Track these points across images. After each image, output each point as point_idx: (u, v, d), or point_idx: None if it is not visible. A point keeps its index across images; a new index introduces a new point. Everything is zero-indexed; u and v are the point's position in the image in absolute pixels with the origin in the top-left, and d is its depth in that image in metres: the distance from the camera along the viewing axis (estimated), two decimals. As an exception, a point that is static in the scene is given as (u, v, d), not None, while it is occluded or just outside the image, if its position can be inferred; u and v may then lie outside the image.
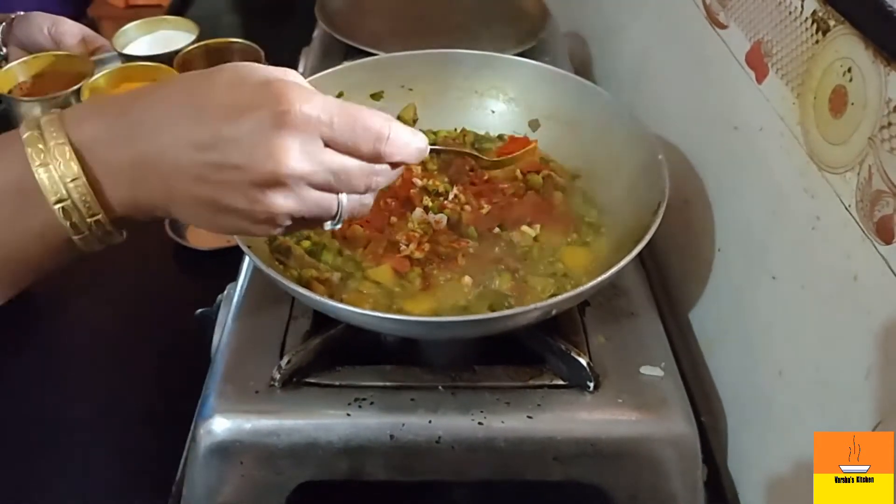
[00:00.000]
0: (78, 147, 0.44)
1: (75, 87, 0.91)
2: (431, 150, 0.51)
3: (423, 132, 0.80)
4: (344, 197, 0.46)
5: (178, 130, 0.43)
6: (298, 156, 0.42)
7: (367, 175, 0.45)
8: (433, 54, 0.82)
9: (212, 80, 0.44)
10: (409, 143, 0.47)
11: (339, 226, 0.48)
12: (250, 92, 0.42)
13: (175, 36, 1.03)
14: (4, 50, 0.98)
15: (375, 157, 0.45)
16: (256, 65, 0.45)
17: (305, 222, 0.47)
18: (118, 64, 0.96)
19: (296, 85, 0.43)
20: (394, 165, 0.47)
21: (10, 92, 0.93)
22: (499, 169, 0.73)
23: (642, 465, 0.60)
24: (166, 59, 0.96)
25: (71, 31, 0.99)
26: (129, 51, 1.00)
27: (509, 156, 0.67)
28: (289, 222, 0.45)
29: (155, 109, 0.44)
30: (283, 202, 0.43)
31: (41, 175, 0.43)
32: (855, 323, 0.50)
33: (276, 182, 0.42)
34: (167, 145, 0.43)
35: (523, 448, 0.60)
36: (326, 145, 0.43)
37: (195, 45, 0.99)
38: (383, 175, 0.46)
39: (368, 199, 0.48)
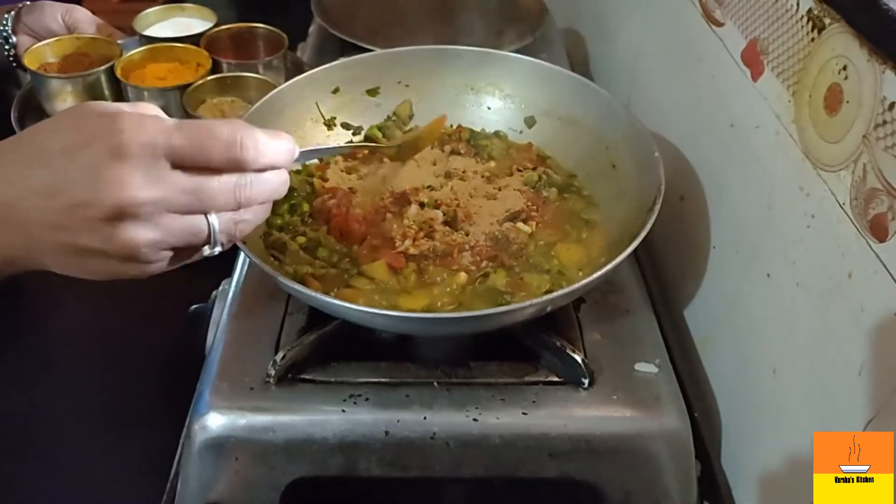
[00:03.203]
0: None
1: (106, 66, 0.91)
2: (306, 152, 0.48)
3: (420, 128, 0.81)
4: (214, 218, 0.43)
5: (25, 179, 0.42)
6: (142, 183, 0.40)
7: (232, 188, 0.43)
8: (429, 50, 0.82)
9: (53, 124, 0.43)
10: (269, 143, 0.44)
11: (218, 249, 0.45)
12: (88, 127, 0.41)
13: (192, 22, 1.04)
14: (14, 39, 0.98)
15: (235, 167, 0.43)
16: (103, 102, 0.44)
17: (180, 252, 0.45)
18: (136, 49, 0.96)
19: (132, 114, 0.41)
20: (264, 170, 0.44)
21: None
22: (410, 154, 0.72)
23: (636, 461, 0.61)
24: (190, 42, 0.97)
25: (86, 18, 1.00)
26: (148, 34, 1.01)
27: (414, 133, 0.67)
28: (160, 254, 0.43)
29: (9, 161, 0.42)
30: (140, 234, 0.41)
31: None
32: (849, 320, 0.51)
33: (125, 214, 0.40)
34: (17, 196, 0.42)
35: (518, 444, 0.60)
36: (175, 167, 0.41)
37: (219, 28, 1.00)
38: (255, 185, 0.44)
39: (248, 215, 0.45)
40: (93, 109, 0.43)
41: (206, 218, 0.43)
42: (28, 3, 0.99)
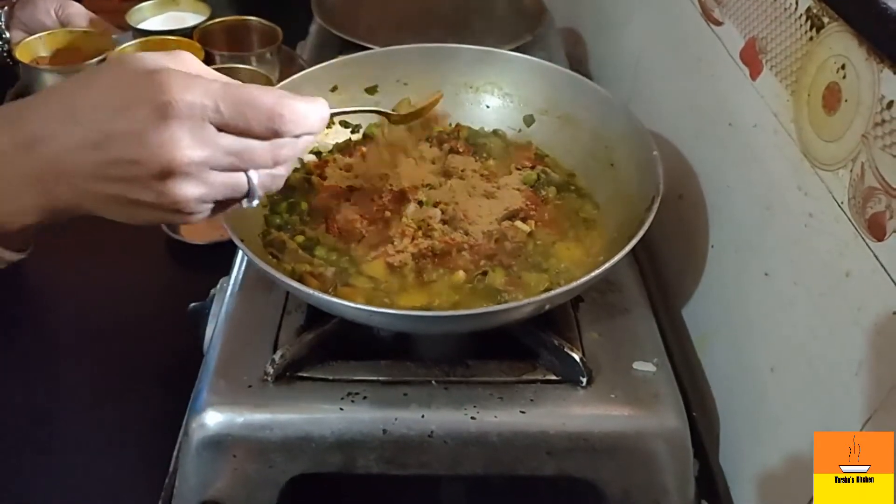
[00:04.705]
0: None
1: (98, 58, 0.91)
2: (333, 114, 0.51)
3: (419, 129, 0.81)
4: (253, 174, 0.46)
5: (69, 135, 0.43)
6: (190, 143, 0.42)
7: (270, 150, 0.45)
8: (428, 49, 0.82)
9: (94, 79, 0.44)
10: (308, 116, 0.46)
11: (256, 202, 0.47)
12: (132, 85, 0.42)
13: (186, 16, 1.04)
14: (8, 34, 0.98)
15: (273, 135, 0.45)
16: (143, 54, 0.44)
17: (222, 203, 0.47)
18: (130, 42, 0.96)
19: (177, 73, 0.43)
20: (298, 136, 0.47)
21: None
22: (407, 122, 0.74)
23: (634, 459, 0.61)
24: (183, 34, 0.97)
25: (80, 12, 1.00)
26: (142, 28, 1.01)
27: (417, 108, 0.71)
28: (204, 206, 0.45)
29: (44, 117, 0.44)
30: (188, 190, 0.43)
31: None
32: (846, 319, 0.51)
33: (174, 172, 0.42)
34: (63, 150, 0.43)
35: (516, 443, 0.60)
36: (220, 129, 0.43)
37: (213, 21, 1.00)
38: (289, 147, 0.46)
39: (281, 170, 0.48)
40: (132, 66, 0.43)
41: (247, 175, 0.45)
42: None
